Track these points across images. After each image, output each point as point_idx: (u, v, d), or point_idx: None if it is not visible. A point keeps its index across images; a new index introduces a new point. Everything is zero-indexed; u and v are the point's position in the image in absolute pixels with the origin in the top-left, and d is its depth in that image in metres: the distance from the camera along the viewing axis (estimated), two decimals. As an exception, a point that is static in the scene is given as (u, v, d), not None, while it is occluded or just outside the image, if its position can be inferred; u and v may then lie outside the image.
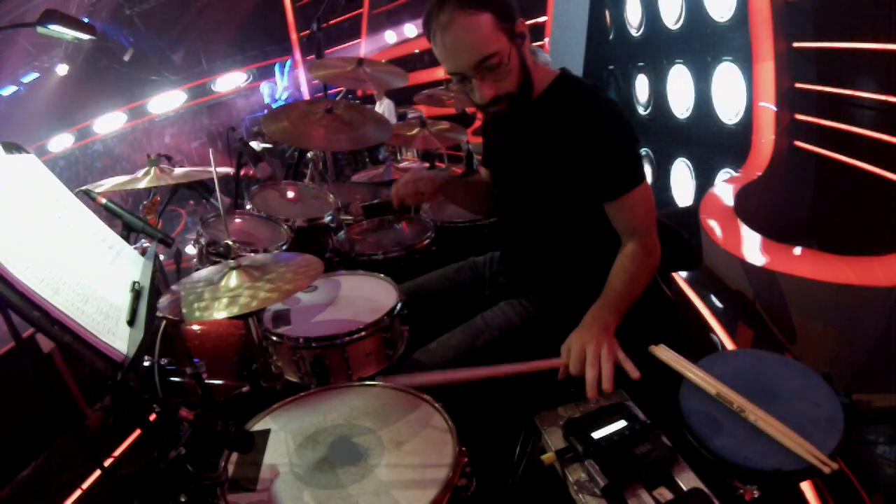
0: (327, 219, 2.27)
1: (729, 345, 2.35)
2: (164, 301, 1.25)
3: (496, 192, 1.71)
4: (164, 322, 1.59)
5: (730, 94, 2.92)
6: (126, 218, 1.59)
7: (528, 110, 1.47)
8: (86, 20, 2.79)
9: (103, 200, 1.62)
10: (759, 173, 2.65)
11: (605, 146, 1.36)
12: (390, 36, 8.19)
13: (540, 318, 1.55)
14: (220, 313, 1.18)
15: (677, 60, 3.36)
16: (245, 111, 9.41)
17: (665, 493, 1.08)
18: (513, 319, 1.55)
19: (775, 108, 2.59)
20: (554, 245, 1.56)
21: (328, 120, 2.34)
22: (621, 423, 1.18)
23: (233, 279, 1.27)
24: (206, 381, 1.61)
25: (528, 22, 1.44)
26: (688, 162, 3.44)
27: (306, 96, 9.10)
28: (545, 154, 1.45)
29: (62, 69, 8.07)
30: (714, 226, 2.54)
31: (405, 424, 1.20)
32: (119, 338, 0.98)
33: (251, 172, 4.31)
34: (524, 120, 1.49)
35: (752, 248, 2.41)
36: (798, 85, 2.52)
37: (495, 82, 1.34)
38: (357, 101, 4.79)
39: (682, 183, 3.48)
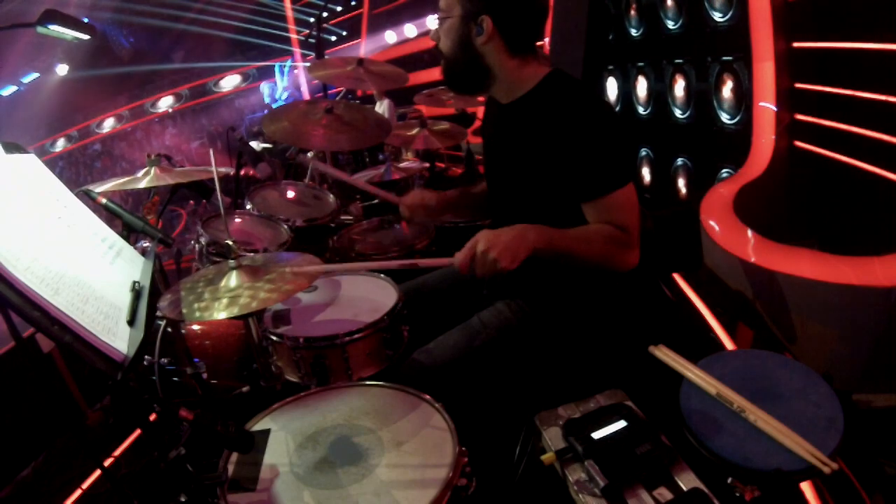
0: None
1: (729, 345, 2.35)
2: (164, 301, 1.25)
3: (489, 191, 1.72)
4: (164, 322, 1.59)
5: (729, 94, 2.92)
6: (126, 218, 1.58)
7: (514, 107, 1.48)
8: (86, 20, 2.79)
9: (103, 200, 1.62)
10: (759, 173, 2.64)
11: (585, 146, 1.35)
12: (390, 36, 8.18)
13: (535, 318, 1.55)
14: (220, 313, 1.18)
15: (677, 60, 3.35)
16: (245, 111, 9.40)
17: (665, 493, 1.08)
18: (509, 319, 1.55)
19: (775, 108, 2.59)
20: None
21: (328, 120, 2.35)
22: (621, 423, 1.18)
23: (233, 279, 1.26)
24: (206, 381, 1.61)
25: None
26: (687, 162, 3.43)
27: (306, 96, 9.09)
28: (529, 151, 1.45)
29: (62, 69, 8.06)
30: (714, 226, 2.53)
31: (405, 424, 1.20)
32: (119, 338, 0.98)
33: (251, 172, 4.32)
34: (510, 117, 1.49)
35: (752, 248, 2.41)
36: (798, 85, 2.52)
37: (438, 31, 1.49)
38: (357, 101, 4.80)
39: (681, 183, 3.48)
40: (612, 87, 4.27)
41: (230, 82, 9.70)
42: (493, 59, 1.43)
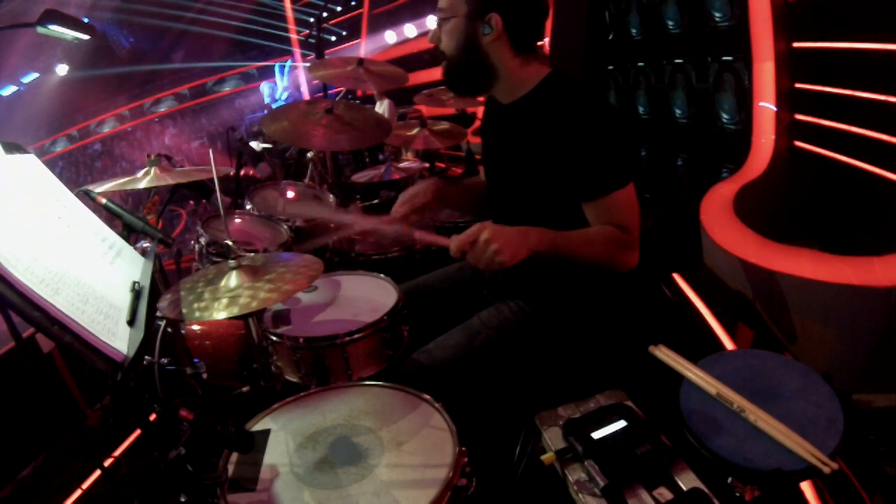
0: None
1: (729, 345, 2.35)
2: (164, 301, 1.25)
3: (490, 191, 1.72)
4: (164, 322, 1.59)
5: (729, 94, 2.92)
6: (126, 218, 1.58)
7: (516, 107, 1.48)
8: (86, 20, 2.79)
9: (103, 200, 1.62)
10: (759, 173, 2.64)
11: (586, 146, 1.35)
12: (390, 36, 8.19)
13: (535, 318, 1.55)
14: (220, 313, 1.18)
15: (677, 60, 3.35)
16: (245, 111, 9.40)
17: (665, 493, 1.08)
18: (509, 319, 1.55)
19: (775, 108, 2.59)
20: None
21: (328, 120, 2.35)
22: (621, 423, 1.18)
23: (233, 279, 1.26)
24: (206, 381, 1.61)
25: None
26: (687, 162, 3.43)
27: (306, 96, 9.09)
28: (530, 151, 1.45)
29: (62, 69, 8.06)
30: (714, 226, 2.53)
31: (405, 424, 1.20)
32: (119, 338, 0.98)
33: (251, 172, 4.32)
34: (511, 117, 1.49)
35: (752, 248, 2.41)
36: (798, 85, 2.52)
37: (440, 33, 1.46)
38: (357, 101, 4.79)
39: (681, 183, 3.47)
40: (612, 87, 4.26)
41: (230, 82, 9.71)
42: (498, 58, 1.43)
